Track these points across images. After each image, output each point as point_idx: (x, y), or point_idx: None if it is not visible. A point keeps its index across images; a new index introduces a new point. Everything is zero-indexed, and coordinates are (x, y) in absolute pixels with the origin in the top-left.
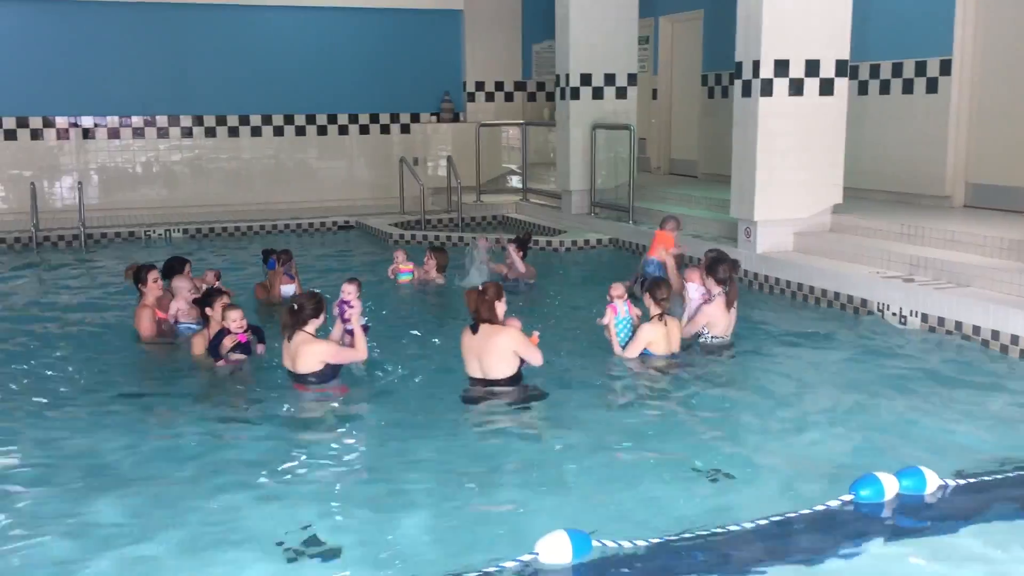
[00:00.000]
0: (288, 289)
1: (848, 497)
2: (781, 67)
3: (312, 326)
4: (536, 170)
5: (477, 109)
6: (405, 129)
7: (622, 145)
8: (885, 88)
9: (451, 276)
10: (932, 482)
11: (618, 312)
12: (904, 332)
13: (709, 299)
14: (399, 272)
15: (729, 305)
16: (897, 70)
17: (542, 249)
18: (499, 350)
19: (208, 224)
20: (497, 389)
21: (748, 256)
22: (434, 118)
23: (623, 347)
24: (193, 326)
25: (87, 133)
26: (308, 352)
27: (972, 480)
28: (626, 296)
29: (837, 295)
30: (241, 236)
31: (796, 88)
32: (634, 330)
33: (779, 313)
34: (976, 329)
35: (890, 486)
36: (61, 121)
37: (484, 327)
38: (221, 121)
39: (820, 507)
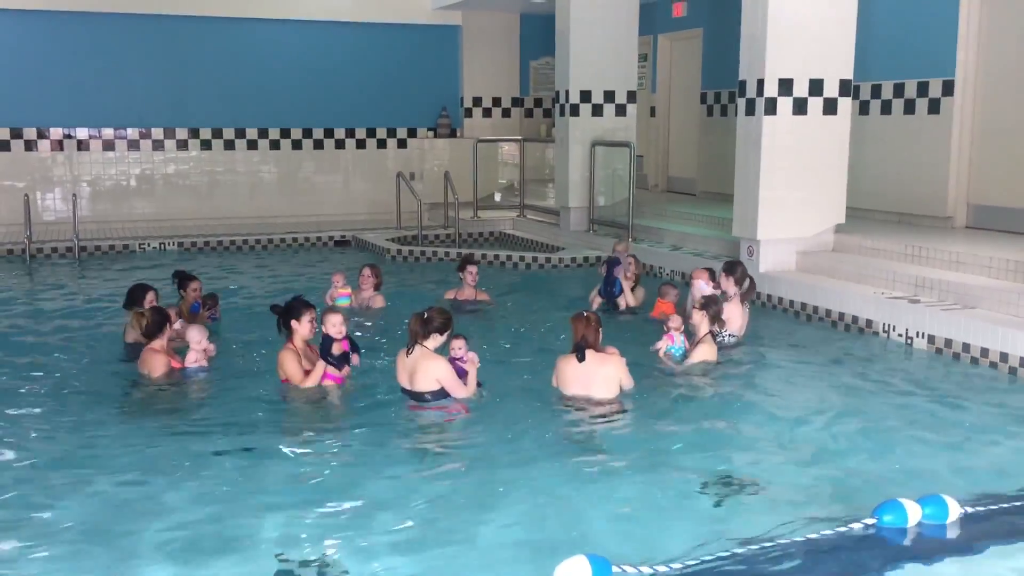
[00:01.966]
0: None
1: (871, 521)
2: (785, 86)
3: (434, 342)
4: (532, 186)
5: (474, 125)
6: (402, 144)
7: (621, 162)
8: (887, 108)
9: (386, 294)
10: (954, 510)
11: (674, 341)
12: (910, 353)
13: (726, 299)
14: (337, 296)
15: (744, 299)
16: (899, 90)
17: (541, 266)
18: (608, 380)
19: (203, 238)
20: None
21: (751, 275)
22: (431, 133)
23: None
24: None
25: (81, 145)
26: (426, 369)
27: (992, 507)
28: (682, 328)
29: (842, 315)
30: (236, 250)
31: (800, 107)
32: (684, 356)
33: (783, 333)
34: (984, 351)
35: (913, 512)
36: (55, 132)
37: (591, 355)
38: (217, 134)
39: (842, 528)
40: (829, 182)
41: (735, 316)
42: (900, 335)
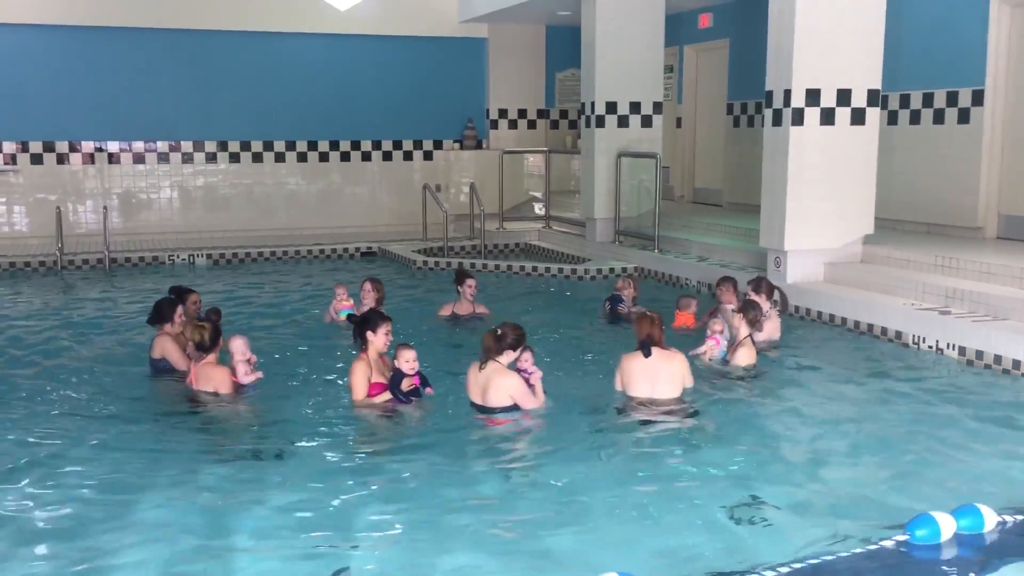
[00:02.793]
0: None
1: (903, 537)
2: (812, 96)
3: (507, 357)
4: (557, 198)
5: (499, 136)
6: (428, 156)
7: (646, 173)
8: (916, 118)
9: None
10: (990, 519)
11: (720, 344)
12: (941, 365)
13: (766, 316)
14: (341, 309)
15: (784, 309)
16: (928, 100)
17: (567, 277)
18: (673, 376)
19: (231, 250)
20: (665, 408)
21: (778, 286)
22: (457, 145)
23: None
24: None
25: (112, 158)
26: (499, 385)
27: None
28: (725, 331)
29: (871, 327)
30: (264, 262)
31: (827, 117)
32: (724, 359)
33: (812, 344)
34: (1016, 363)
35: (947, 526)
36: (87, 145)
37: (657, 352)
38: (245, 147)
39: (873, 547)
40: (857, 193)
41: (774, 330)
42: (930, 347)
